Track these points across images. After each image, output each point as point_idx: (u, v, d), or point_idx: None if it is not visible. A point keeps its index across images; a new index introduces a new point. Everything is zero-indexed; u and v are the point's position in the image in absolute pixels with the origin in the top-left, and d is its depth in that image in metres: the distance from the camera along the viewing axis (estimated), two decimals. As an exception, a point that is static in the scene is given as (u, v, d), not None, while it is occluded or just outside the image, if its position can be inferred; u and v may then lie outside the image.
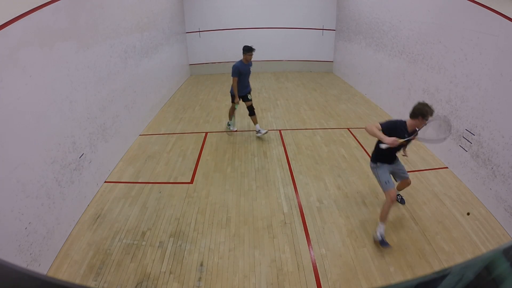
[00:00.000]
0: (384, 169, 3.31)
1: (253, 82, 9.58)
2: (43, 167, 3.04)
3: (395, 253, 3.11)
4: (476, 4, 3.95)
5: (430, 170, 4.57)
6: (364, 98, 7.90)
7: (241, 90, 5.42)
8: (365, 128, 3.18)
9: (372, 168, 3.43)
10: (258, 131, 5.61)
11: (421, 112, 2.96)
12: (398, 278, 2.89)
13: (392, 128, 3.10)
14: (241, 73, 5.32)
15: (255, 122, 5.65)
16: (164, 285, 2.81)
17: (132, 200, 3.98)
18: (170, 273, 2.93)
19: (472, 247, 3.21)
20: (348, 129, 6.03)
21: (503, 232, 3.40)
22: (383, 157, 3.30)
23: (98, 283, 2.83)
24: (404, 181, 3.55)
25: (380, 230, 3.18)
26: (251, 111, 5.59)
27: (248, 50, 5.28)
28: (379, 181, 3.33)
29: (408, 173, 3.48)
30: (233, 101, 5.50)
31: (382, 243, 3.13)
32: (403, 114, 6.12)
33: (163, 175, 4.55)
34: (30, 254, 2.77)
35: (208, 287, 2.79)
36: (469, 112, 4.16)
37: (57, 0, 3.26)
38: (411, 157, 4.95)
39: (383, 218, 3.18)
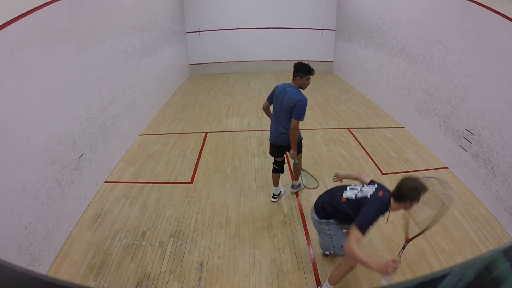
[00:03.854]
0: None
1: (253, 82, 9.63)
2: (43, 167, 3.04)
3: (395, 253, 3.11)
4: (476, 4, 3.95)
5: (430, 170, 4.56)
6: (364, 98, 7.90)
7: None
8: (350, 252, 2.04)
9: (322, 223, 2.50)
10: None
11: (412, 195, 2.13)
12: (398, 278, 2.89)
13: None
14: None
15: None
16: (164, 285, 2.81)
17: (132, 200, 3.98)
18: (170, 273, 2.93)
19: (472, 247, 3.21)
20: (348, 129, 6.03)
21: (503, 232, 3.40)
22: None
23: (98, 283, 2.83)
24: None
25: None
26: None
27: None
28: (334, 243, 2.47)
29: (408, 173, 3.48)
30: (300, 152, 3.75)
31: None
32: (403, 114, 6.13)
33: (163, 175, 4.55)
34: (30, 254, 2.77)
35: (208, 287, 2.79)
36: (469, 112, 4.16)
37: (57, 0, 3.26)
38: (411, 156, 4.95)
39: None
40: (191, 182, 4.37)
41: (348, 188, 2.43)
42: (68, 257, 3.12)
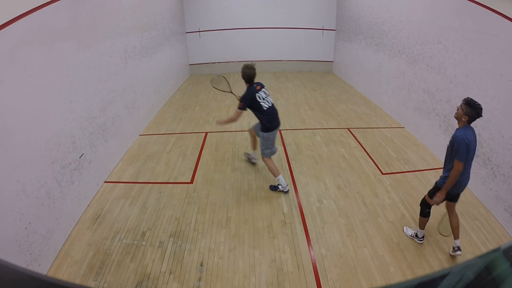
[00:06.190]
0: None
1: (253, 82, 9.62)
2: (43, 167, 3.04)
3: (395, 253, 3.12)
4: (476, 4, 3.95)
5: (430, 170, 4.56)
6: (364, 98, 7.90)
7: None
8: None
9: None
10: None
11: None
12: (398, 278, 2.89)
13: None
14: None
15: None
16: (164, 285, 2.81)
17: (132, 200, 3.98)
18: (170, 273, 2.93)
19: (472, 247, 3.21)
20: (348, 129, 6.03)
21: (503, 232, 3.40)
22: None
23: (98, 283, 2.83)
24: None
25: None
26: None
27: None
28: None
29: (408, 173, 3.48)
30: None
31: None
32: (403, 114, 6.13)
33: (163, 175, 4.55)
34: (30, 254, 2.77)
35: (208, 287, 2.80)
36: (469, 112, 4.15)
37: (57, 0, 3.26)
38: (411, 156, 4.95)
39: None
40: (191, 182, 4.38)
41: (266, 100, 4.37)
42: (68, 257, 3.12)
